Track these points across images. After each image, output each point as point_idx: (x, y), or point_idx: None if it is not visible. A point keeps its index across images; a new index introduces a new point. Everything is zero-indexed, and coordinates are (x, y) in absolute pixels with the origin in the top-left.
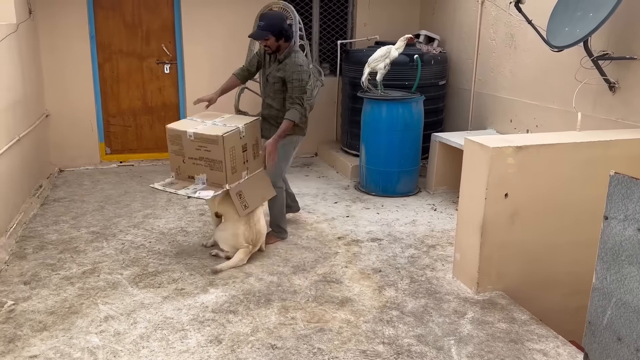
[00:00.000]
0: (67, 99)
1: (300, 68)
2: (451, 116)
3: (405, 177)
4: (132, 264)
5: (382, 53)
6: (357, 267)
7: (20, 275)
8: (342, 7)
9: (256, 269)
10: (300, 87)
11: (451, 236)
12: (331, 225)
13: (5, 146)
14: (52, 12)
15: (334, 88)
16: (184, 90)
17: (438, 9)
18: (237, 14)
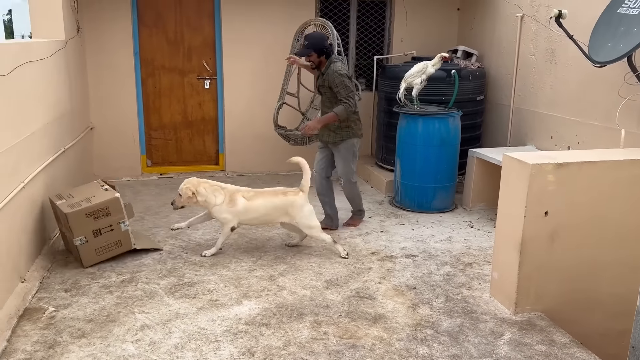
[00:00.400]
0: (111, 112)
1: (340, 73)
2: (489, 132)
3: (442, 193)
4: (168, 274)
5: (419, 69)
6: (390, 283)
7: (61, 283)
8: (379, 22)
9: (289, 283)
10: (344, 87)
11: (489, 254)
12: (365, 240)
13: (51, 157)
14: (99, 29)
15: (370, 103)
16: (223, 105)
17: (476, 25)
18: (275, 32)
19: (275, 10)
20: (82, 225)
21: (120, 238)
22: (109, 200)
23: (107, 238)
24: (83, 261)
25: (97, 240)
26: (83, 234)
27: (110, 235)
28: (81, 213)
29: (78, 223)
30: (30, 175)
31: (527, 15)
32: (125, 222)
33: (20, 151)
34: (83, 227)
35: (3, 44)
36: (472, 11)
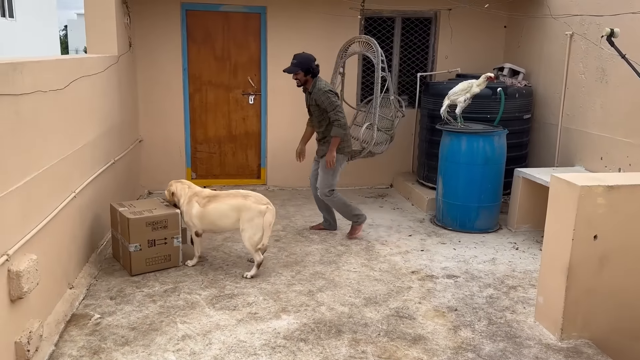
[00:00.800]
0: (159, 126)
1: (324, 90)
2: (536, 151)
3: (485, 212)
4: (210, 285)
5: (463, 87)
6: (431, 303)
7: (107, 290)
8: (423, 40)
9: (327, 299)
10: (330, 103)
11: (534, 278)
12: (405, 259)
13: (101, 169)
14: (150, 45)
15: (412, 120)
16: (266, 121)
17: (524, 42)
18: (319, 49)
19: (319, 28)
20: (140, 233)
21: (171, 253)
22: (169, 214)
23: (158, 250)
24: (132, 268)
25: (149, 251)
26: (139, 241)
27: (163, 248)
28: (142, 221)
29: (137, 230)
30: (81, 185)
31: (577, 33)
32: (179, 238)
33: (73, 162)
34: (140, 235)
35: (60, 59)
36: (519, 29)
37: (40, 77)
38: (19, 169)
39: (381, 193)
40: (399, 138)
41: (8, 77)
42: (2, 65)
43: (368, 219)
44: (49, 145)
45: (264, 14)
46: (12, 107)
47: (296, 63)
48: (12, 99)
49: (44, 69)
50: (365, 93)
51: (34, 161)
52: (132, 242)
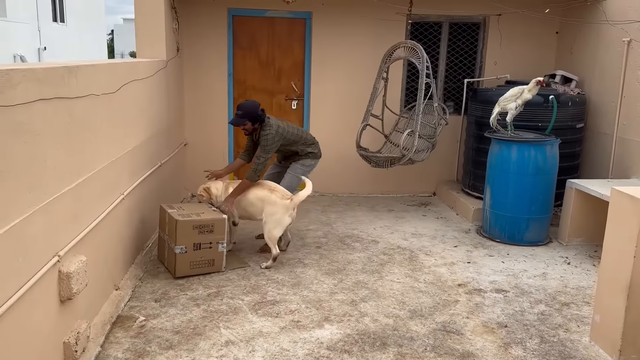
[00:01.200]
0: (203, 129)
1: (266, 136)
2: (588, 162)
3: (535, 224)
4: (252, 291)
5: (514, 93)
6: (479, 319)
7: (152, 293)
8: (470, 45)
9: (371, 309)
10: (263, 150)
11: (587, 294)
12: (451, 271)
13: (148, 172)
14: (196, 50)
15: (457, 127)
16: (308, 126)
17: (577, 49)
18: (363, 54)
19: (364, 33)
20: (187, 235)
21: (214, 257)
22: (216, 219)
23: (203, 254)
24: (176, 270)
25: (194, 254)
26: (185, 244)
27: (207, 252)
28: (189, 224)
29: (184, 232)
30: (129, 188)
31: (635, 40)
32: (224, 244)
33: (122, 164)
34: (187, 238)
35: (113, 63)
36: (572, 35)
37: (93, 81)
38: (72, 171)
39: (424, 201)
40: (443, 145)
41: (64, 80)
42: (59, 69)
43: (411, 227)
44: (100, 148)
45: (309, 19)
46: (67, 110)
47: (242, 114)
48: (67, 101)
49: (97, 73)
50: (409, 99)
51: (86, 163)
52: (178, 244)
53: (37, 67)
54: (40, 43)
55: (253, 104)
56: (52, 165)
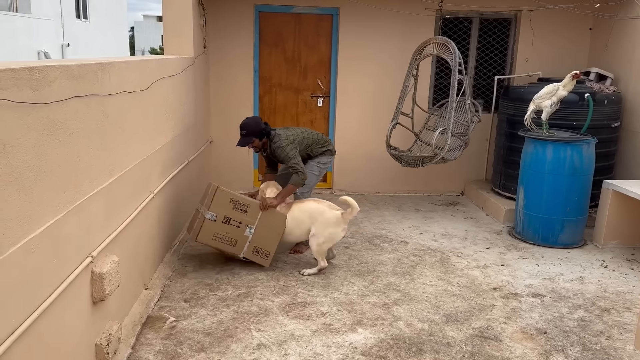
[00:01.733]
0: (229, 126)
1: (281, 149)
2: (624, 162)
3: (571, 226)
4: (282, 292)
5: (549, 90)
6: (517, 324)
7: (181, 292)
8: (501, 41)
9: (404, 313)
10: (288, 158)
11: (628, 300)
12: (484, 274)
13: (176, 169)
14: (222, 47)
15: (487, 125)
16: (334, 124)
17: (612, 45)
18: (391, 51)
19: (393, 29)
20: (221, 205)
21: (238, 239)
22: (253, 202)
23: (229, 230)
24: (199, 234)
25: (221, 226)
26: (217, 212)
27: (234, 230)
28: (227, 195)
29: (220, 201)
30: (159, 186)
31: None
32: (252, 229)
33: (152, 162)
34: (220, 207)
35: (144, 60)
36: (606, 31)
37: (125, 78)
38: (105, 170)
39: (452, 201)
40: (472, 144)
41: (97, 77)
42: (92, 66)
43: (440, 228)
44: (131, 146)
45: (337, 15)
46: (99, 107)
47: (246, 133)
48: (100, 99)
49: (129, 70)
50: (438, 96)
51: (118, 162)
52: (211, 209)
53: (71, 64)
54: (63, 40)
55: (254, 120)
56: (85, 164)
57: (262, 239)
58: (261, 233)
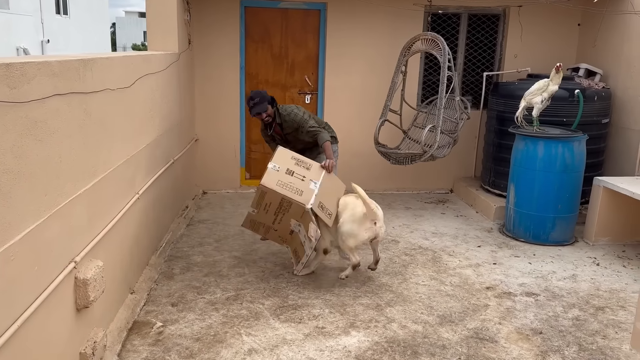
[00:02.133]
0: (214, 124)
1: (294, 113)
2: (613, 158)
3: (562, 223)
4: (272, 294)
5: (540, 86)
6: (512, 324)
7: (168, 296)
8: (490, 37)
9: (398, 315)
10: (306, 121)
11: (621, 298)
12: (477, 273)
13: (162, 169)
14: (208, 43)
15: (476, 122)
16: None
17: (600, 41)
18: (379, 47)
19: (381, 25)
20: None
21: (304, 190)
22: (314, 162)
23: (293, 180)
24: (263, 178)
25: (285, 176)
26: (279, 165)
27: (298, 182)
28: (288, 153)
29: (281, 157)
30: (144, 187)
31: None
32: (317, 184)
33: (137, 162)
34: (282, 162)
35: (128, 56)
36: (595, 27)
37: (108, 75)
38: (88, 171)
39: (441, 199)
40: (460, 141)
41: (79, 73)
42: (73, 62)
43: (430, 226)
44: (115, 145)
45: (324, 11)
46: (82, 106)
47: (259, 100)
48: (82, 97)
49: (112, 66)
50: (427, 93)
51: (102, 162)
52: (273, 162)
53: (52, 60)
54: (43, 36)
55: (261, 90)
56: (67, 165)
57: (326, 198)
58: (324, 192)
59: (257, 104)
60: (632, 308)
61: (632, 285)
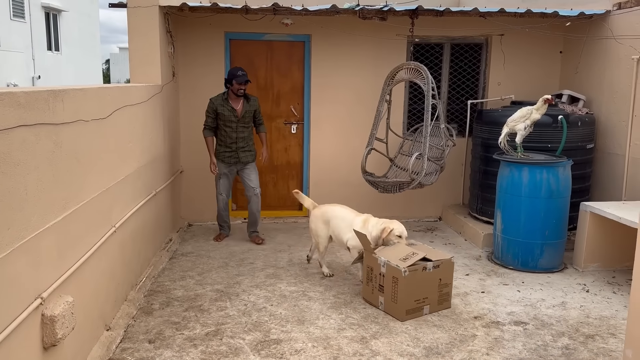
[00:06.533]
0: (200, 156)
1: (257, 103)
2: (600, 183)
3: (550, 250)
4: (254, 329)
5: (523, 114)
6: (500, 355)
7: (145, 333)
8: (473, 66)
9: (383, 347)
10: (258, 107)
11: (612, 325)
12: (465, 302)
13: (142, 201)
14: (193, 74)
15: (462, 149)
16: (309, 150)
17: (582, 68)
18: (364, 76)
19: (365, 55)
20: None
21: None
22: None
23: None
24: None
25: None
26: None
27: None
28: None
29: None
30: (122, 219)
31: None
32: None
33: (114, 194)
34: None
35: (103, 87)
36: (576, 54)
37: (82, 106)
38: (57, 203)
39: (430, 226)
40: (448, 168)
41: (49, 105)
42: (42, 93)
43: None
44: (89, 177)
45: (309, 42)
46: (51, 137)
47: (245, 74)
48: (52, 128)
49: (86, 98)
50: (412, 121)
51: (74, 194)
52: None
53: (17, 91)
54: (34, 72)
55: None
56: (34, 198)
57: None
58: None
59: (245, 76)
60: (623, 335)
61: (623, 312)
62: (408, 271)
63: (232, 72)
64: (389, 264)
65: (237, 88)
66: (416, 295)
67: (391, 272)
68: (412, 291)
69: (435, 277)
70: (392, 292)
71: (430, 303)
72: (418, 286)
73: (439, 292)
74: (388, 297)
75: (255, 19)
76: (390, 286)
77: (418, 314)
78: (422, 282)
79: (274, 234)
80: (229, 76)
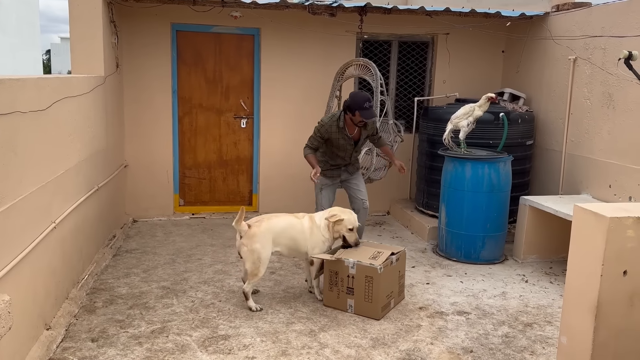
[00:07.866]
0: (145, 150)
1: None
2: (538, 178)
3: (491, 242)
4: (201, 325)
5: (466, 111)
6: (444, 344)
7: (88, 331)
8: (420, 64)
9: (331, 339)
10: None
11: (549, 313)
12: (410, 293)
13: (84, 196)
14: (138, 66)
15: (409, 145)
16: (259, 145)
17: (523, 67)
18: (314, 72)
19: (315, 50)
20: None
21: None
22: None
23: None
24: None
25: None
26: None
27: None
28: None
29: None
30: (62, 215)
31: (581, 57)
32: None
33: (53, 189)
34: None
35: (42, 78)
36: (517, 53)
37: (19, 97)
38: None
39: (378, 221)
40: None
41: None
42: None
43: None
44: (27, 171)
45: (258, 36)
46: None
47: (372, 105)
48: None
49: (24, 88)
50: None
51: (10, 189)
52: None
53: None
54: None
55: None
56: None
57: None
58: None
59: (372, 109)
60: (559, 323)
61: (559, 301)
62: (383, 268)
63: (358, 102)
64: (360, 264)
65: (358, 120)
66: (387, 290)
67: (363, 272)
68: (385, 287)
69: (396, 270)
70: (365, 293)
71: (394, 297)
72: (388, 282)
73: (399, 284)
74: (360, 299)
75: (203, 11)
76: (362, 287)
77: (388, 309)
78: (390, 277)
79: (223, 230)
80: (353, 105)
